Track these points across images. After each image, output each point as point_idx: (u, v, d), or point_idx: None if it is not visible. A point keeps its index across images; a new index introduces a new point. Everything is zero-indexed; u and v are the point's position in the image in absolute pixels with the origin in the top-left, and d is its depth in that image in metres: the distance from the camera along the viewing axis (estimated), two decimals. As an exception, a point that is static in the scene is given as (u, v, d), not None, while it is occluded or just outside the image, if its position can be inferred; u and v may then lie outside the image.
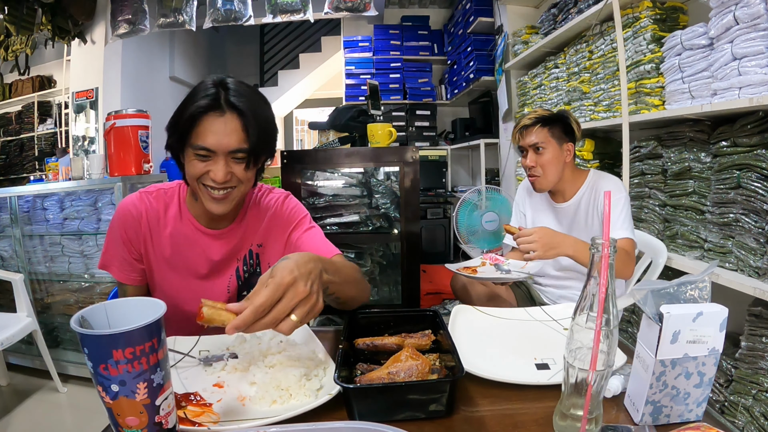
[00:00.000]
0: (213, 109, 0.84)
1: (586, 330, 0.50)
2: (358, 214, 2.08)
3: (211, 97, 0.84)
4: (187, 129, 0.85)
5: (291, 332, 0.62)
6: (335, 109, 2.31)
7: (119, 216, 0.98)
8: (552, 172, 1.47)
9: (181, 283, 1.00)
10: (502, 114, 3.17)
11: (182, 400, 0.62)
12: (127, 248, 0.97)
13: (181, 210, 1.01)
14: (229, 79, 0.89)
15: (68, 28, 3.01)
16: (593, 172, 1.52)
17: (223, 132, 0.84)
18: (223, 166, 0.86)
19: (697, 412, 0.57)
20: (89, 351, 0.44)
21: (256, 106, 0.88)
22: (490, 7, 3.35)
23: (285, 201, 1.08)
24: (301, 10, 2.82)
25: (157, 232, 0.99)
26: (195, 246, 1.00)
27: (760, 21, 1.12)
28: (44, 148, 4.09)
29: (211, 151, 0.85)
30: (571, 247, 1.27)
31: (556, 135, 1.46)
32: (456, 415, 0.60)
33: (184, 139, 0.86)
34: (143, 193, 1.01)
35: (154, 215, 0.99)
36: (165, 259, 0.99)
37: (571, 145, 1.48)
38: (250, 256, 1.05)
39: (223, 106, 0.85)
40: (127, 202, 0.99)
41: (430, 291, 2.90)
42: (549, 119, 1.47)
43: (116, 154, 2.08)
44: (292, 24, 5.41)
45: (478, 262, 1.47)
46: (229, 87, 0.86)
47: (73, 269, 2.26)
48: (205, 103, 0.84)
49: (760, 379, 1.16)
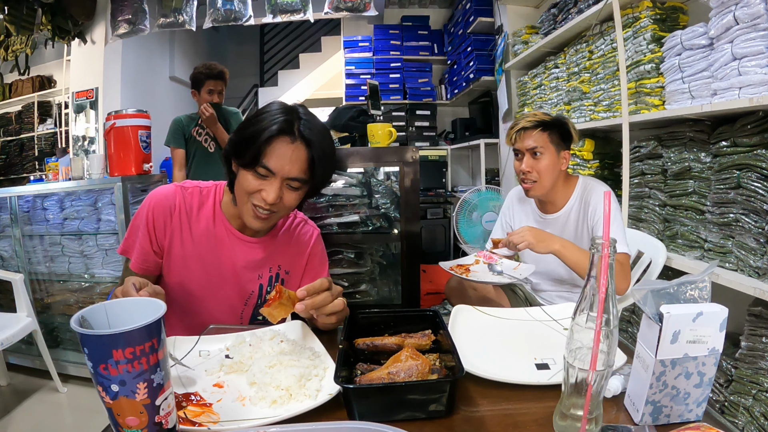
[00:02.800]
0: (285, 134, 0.87)
1: (586, 330, 0.50)
2: (358, 214, 2.07)
3: (286, 123, 0.88)
4: (260, 148, 0.87)
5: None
6: (335, 109, 2.30)
7: (151, 203, 0.98)
8: (548, 179, 1.42)
9: (201, 282, 1.00)
10: (502, 114, 3.17)
11: (182, 400, 0.62)
12: (150, 238, 0.97)
13: (215, 211, 1.02)
14: (300, 109, 0.92)
15: (68, 28, 3.01)
16: (582, 179, 1.48)
17: (288, 158, 0.88)
18: (277, 189, 0.89)
19: (697, 412, 0.57)
20: (89, 351, 0.44)
21: (324, 142, 0.91)
22: (490, 7, 3.35)
23: (317, 241, 1.12)
24: (301, 10, 2.82)
25: (188, 227, 0.99)
26: (223, 247, 1.01)
27: (760, 21, 1.12)
28: (44, 148, 4.09)
29: (271, 172, 0.88)
30: (559, 242, 1.30)
31: (554, 141, 1.42)
32: (456, 415, 0.60)
33: (257, 158, 0.88)
34: (179, 186, 1.02)
35: (186, 209, 1.00)
36: (190, 256, 0.99)
37: (568, 154, 1.44)
38: (276, 279, 1.06)
39: (295, 133, 0.88)
40: (161, 192, 0.99)
41: (430, 291, 2.90)
42: (549, 124, 1.42)
43: (116, 154, 2.08)
44: (292, 24, 5.41)
45: (472, 260, 1.46)
46: (302, 117, 0.90)
47: (73, 269, 2.26)
48: (279, 127, 0.87)
49: (760, 379, 1.16)
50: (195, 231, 1.00)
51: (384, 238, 2.12)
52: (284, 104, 0.93)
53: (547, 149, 1.41)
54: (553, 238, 1.31)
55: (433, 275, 3.19)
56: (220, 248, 1.01)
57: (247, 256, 1.02)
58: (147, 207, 0.98)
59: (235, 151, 0.92)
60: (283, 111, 0.90)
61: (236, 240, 1.01)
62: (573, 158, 2.20)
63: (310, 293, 0.77)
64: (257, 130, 0.88)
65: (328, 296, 0.79)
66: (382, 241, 2.17)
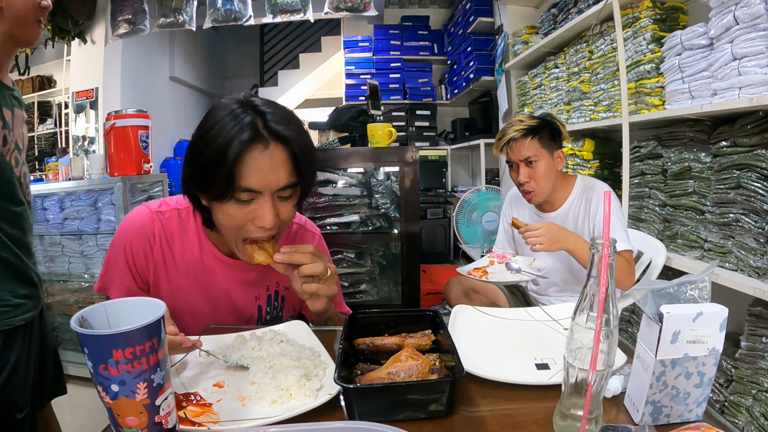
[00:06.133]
0: (254, 141, 0.69)
1: (586, 330, 0.50)
2: (358, 214, 2.08)
3: (250, 127, 0.70)
4: (228, 170, 0.69)
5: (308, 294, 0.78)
6: (335, 109, 2.31)
7: (126, 236, 0.85)
8: (546, 185, 1.40)
9: (194, 313, 0.91)
10: (502, 114, 3.17)
11: (182, 400, 0.62)
12: (133, 276, 0.86)
13: (200, 237, 0.88)
14: (255, 99, 0.74)
15: (68, 28, 3.01)
16: (581, 178, 1.47)
17: (270, 167, 0.71)
18: (271, 208, 0.73)
19: (697, 412, 0.57)
20: (89, 351, 0.44)
21: (298, 129, 0.75)
22: (490, 7, 3.36)
23: (319, 246, 1.00)
24: (301, 10, 2.83)
25: (171, 258, 0.87)
26: (214, 276, 0.89)
27: (760, 21, 1.12)
28: (44, 148, 4.09)
29: (256, 192, 0.72)
30: (573, 242, 1.29)
31: (546, 144, 1.38)
32: (456, 415, 0.60)
33: (231, 184, 0.70)
34: (155, 212, 0.87)
35: (167, 238, 0.86)
36: (178, 288, 0.89)
37: (562, 152, 1.42)
38: (276, 298, 0.97)
39: (265, 135, 0.70)
40: (136, 221, 0.86)
41: (430, 291, 2.90)
42: (537, 128, 1.37)
43: (116, 154, 2.08)
44: (292, 24, 5.41)
45: (486, 262, 1.44)
46: (264, 111, 0.72)
47: (73, 269, 2.26)
48: (244, 135, 0.69)
49: (760, 379, 1.16)
50: (180, 262, 0.87)
51: (384, 238, 2.12)
52: (232, 102, 0.73)
53: (541, 155, 1.38)
54: (569, 237, 1.30)
55: (433, 275, 3.19)
56: (211, 278, 0.89)
57: (241, 280, 0.92)
58: (123, 240, 0.85)
59: (198, 185, 0.75)
60: (238, 113, 0.71)
61: (227, 267, 0.90)
62: (573, 158, 2.20)
63: (292, 250, 0.75)
64: (217, 149, 0.69)
65: (308, 256, 0.75)
66: (382, 241, 2.17)
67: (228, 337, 0.83)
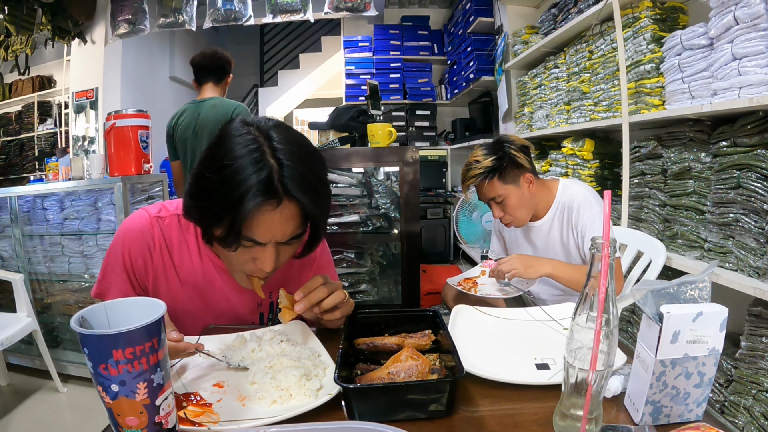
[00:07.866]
0: (267, 199, 0.67)
1: (586, 330, 0.50)
2: (358, 214, 2.08)
3: (266, 183, 0.66)
4: (235, 222, 0.68)
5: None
6: (335, 109, 2.31)
7: (125, 241, 0.84)
8: (522, 213, 1.39)
9: (194, 321, 0.90)
10: (502, 114, 3.17)
11: (182, 400, 0.62)
12: (131, 282, 0.84)
13: (200, 245, 0.87)
14: (273, 134, 0.70)
15: (68, 28, 3.01)
16: (562, 182, 1.45)
17: (278, 223, 0.70)
18: (272, 255, 0.73)
19: (697, 412, 0.57)
20: (89, 351, 0.44)
21: (317, 182, 0.72)
22: (490, 7, 3.35)
23: (322, 250, 0.99)
24: (301, 10, 2.83)
25: (171, 265, 0.86)
26: (215, 284, 0.89)
27: (760, 21, 1.12)
28: (44, 148, 4.09)
29: (259, 243, 0.72)
30: (549, 264, 1.28)
31: (509, 178, 1.34)
32: (456, 415, 0.60)
33: (236, 233, 0.69)
34: (154, 217, 0.85)
35: (167, 244, 0.85)
36: (178, 296, 0.87)
37: (529, 175, 1.37)
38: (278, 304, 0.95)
39: (278, 191, 0.67)
40: (135, 226, 0.84)
41: (430, 291, 2.90)
42: (494, 168, 1.33)
43: (116, 154, 2.08)
44: (292, 24, 5.41)
45: (478, 272, 1.44)
46: (283, 163, 0.68)
47: (73, 269, 2.25)
48: (256, 192, 0.65)
49: (760, 379, 1.16)
50: (180, 269, 0.86)
51: (384, 238, 2.12)
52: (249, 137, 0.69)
53: (507, 190, 1.36)
54: (542, 262, 1.29)
55: (433, 275, 3.19)
56: (212, 286, 0.89)
57: (242, 288, 0.91)
58: (122, 246, 0.83)
59: (200, 223, 0.75)
60: (256, 158, 0.67)
61: (228, 275, 0.89)
62: (573, 158, 2.20)
63: (305, 293, 0.77)
64: (227, 198, 0.66)
65: (323, 290, 0.77)
66: (382, 241, 2.17)
67: (228, 337, 0.83)
